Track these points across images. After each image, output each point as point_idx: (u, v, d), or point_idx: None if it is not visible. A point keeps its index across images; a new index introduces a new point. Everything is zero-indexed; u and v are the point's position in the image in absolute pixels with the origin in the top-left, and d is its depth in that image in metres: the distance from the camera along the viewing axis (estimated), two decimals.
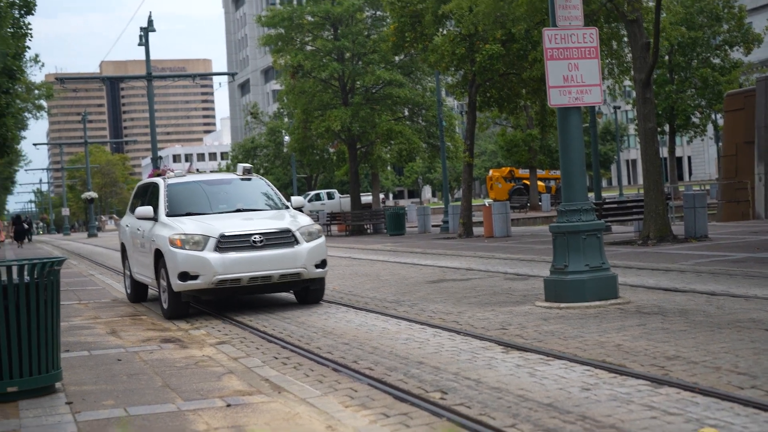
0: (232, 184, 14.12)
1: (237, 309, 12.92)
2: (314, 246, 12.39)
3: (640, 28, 19.92)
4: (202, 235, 11.96)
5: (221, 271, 11.78)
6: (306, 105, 42.17)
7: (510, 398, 6.41)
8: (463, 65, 28.15)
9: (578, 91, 11.38)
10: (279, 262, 12.02)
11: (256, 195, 13.86)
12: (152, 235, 12.76)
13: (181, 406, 6.73)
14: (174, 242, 11.98)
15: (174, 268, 11.88)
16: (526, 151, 58.11)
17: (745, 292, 11.06)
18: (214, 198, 13.55)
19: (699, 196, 21.39)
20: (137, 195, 15.23)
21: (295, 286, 12.61)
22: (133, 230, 14.25)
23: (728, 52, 50.48)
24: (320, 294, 12.97)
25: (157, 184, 13.92)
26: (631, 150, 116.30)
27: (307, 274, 12.26)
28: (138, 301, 14.64)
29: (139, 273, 14.01)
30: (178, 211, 13.06)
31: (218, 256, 11.82)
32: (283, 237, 12.20)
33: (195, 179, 14.08)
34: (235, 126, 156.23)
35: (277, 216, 12.95)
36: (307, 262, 12.22)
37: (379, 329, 10.14)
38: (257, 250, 11.96)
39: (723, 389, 6.25)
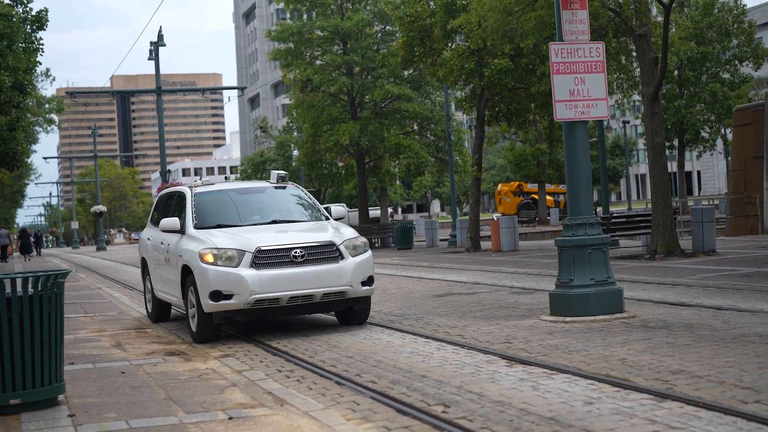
0: (265, 193, 12.86)
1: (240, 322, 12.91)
2: (361, 261, 11.18)
3: (649, 42, 19.93)
4: (236, 250, 10.74)
5: (258, 289, 10.56)
6: (315, 119, 42.29)
7: (512, 412, 6.39)
8: (472, 80, 28.20)
9: (584, 105, 11.38)
10: (322, 280, 10.82)
11: (292, 205, 12.67)
12: (179, 250, 11.57)
13: (183, 418, 6.73)
14: (204, 257, 10.75)
15: (205, 287, 10.65)
16: (535, 165, 58.06)
17: (752, 307, 11.01)
18: (246, 208, 12.34)
19: (707, 210, 21.33)
20: (159, 206, 14.17)
21: (338, 306, 11.32)
22: (155, 244, 13.15)
23: (738, 67, 50.40)
24: (365, 315, 11.75)
25: (183, 194, 12.70)
26: (641, 164, 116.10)
27: (352, 292, 11.04)
28: (160, 320, 13.64)
29: (163, 291, 12.85)
30: (208, 222, 11.84)
31: (255, 273, 10.60)
32: (327, 251, 11.00)
33: (225, 188, 12.95)
34: (244, 140, 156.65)
35: (318, 228, 11.75)
36: (353, 279, 11.02)
37: (383, 342, 10.12)
38: (298, 265, 10.76)
39: (726, 403, 6.22)
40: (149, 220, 14.44)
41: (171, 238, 12.15)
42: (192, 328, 11.20)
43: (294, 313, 11.25)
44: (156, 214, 13.97)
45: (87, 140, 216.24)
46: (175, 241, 11.90)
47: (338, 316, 12.00)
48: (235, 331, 11.90)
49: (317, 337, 10.90)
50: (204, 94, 46.80)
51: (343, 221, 12.93)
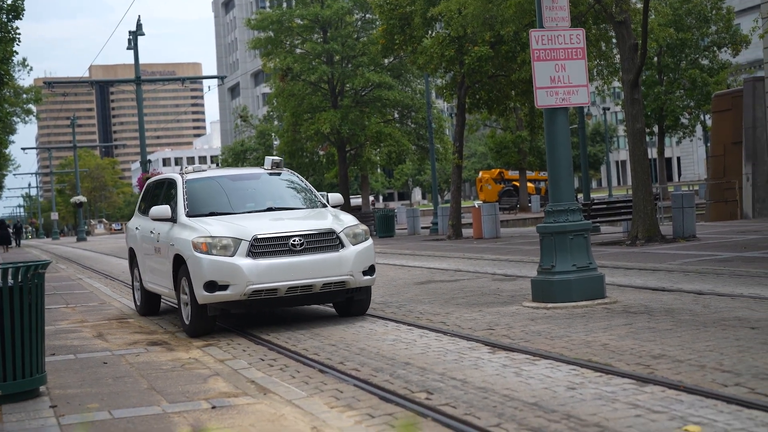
0: (260, 180, 12.36)
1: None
2: (362, 249, 10.72)
3: (628, 29, 19.97)
4: (231, 238, 10.25)
5: (255, 279, 10.09)
6: (295, 108, 42.19)
7: (495, 398, 6.41)
8: (452, 67, 28.19)
9: (565, 92, 11.40)
10: (322, 269, 10.36)
11: (288, 191, 12.27)
12: (170, 239, 11.08)
13: (166, 408, 6.72)
14: (198, 246, 10.26)
15: (199, 277, 10.15)
16: (516, 152, 58.23)
17: (732, 291, 11.09)
18: (240, 196, 11.88)
19: (687, 196, 21.45)
20: (148, 194, 13.60)
21: (338, 297, 10.88)
22: (144, 233, 12.64)
23: (716, 53, 50.66)
24: (366, 305, 11.30)
25: (174, 181, 12.21)
26: (621, 151, 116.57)
27: (353, 282, 10.59)
28: (149, 314, 13.04)
29: (153, 282, 12.35)
30: (200, 210, 11.36)
31: (251, 263, 10.12)
32: (326, 239, 10.55)
33: (217, 174, 12.49)
34: (224, 129, 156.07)
35: (317, 215, 11.29)
36: (354, 269, 10.57)
37: (366, 330, 10.13)
38: (296, 254, 10.31)
39: (707, 387, 6.26)
40: (137, 209, 13.94)
41: (161, 226, 11.66)
42: (185, 320, 10.71)
43: (292, 304, 10.80)
44: (144, 203, 13.52)
45: (66, 131, 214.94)
46: (166, 230, 11.41)
47: (337, 307, 11.53)
48: (218, 321, 11.85)
49: (300, 326, 10.89)
50: (184, 83, 46.60)
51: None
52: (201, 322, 10.43)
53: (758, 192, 26.67)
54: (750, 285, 11.62)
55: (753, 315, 9.19)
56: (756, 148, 26.66)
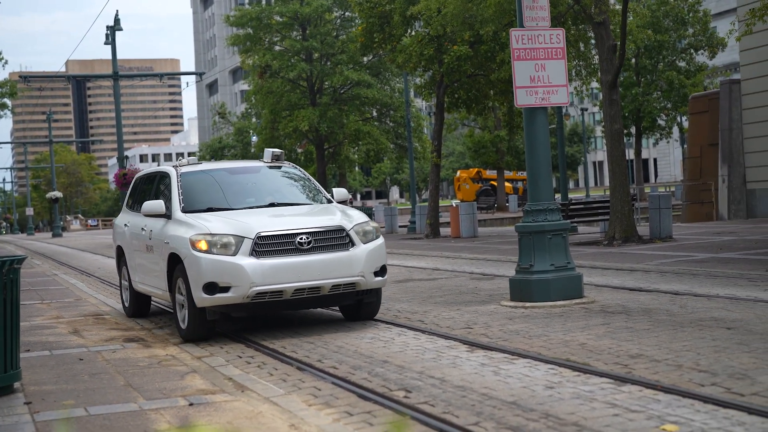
0: (260, 173, 11.62)
1: None
2: (373, 248, 9.96)
3: (607, 30, 20.06)
4: (233, 236, 9.48)
5: (260, 280, 9.33)
6: (274, 105, 42.10)
7: (474, 396, 6.41)
8: (431, 66, 28.21)
9: (545, 91, 11.42)
10: (331, 269, 9.60)
11: (290, 186, 11.52)
12: (165, 236, 10.29)
13: (143, 405, 6.67)
14: (197, 244, 9.49)
15: (198, 278, 9.39)
16: (494, 152, 58.39)
17: (708, 292, 11.16)
18: (239, 190, 11.13)
19: (664, 197, 21.58)
20: (137, 189, 12.80)
21: (347, 299, 10.09)
22: (134, 230, 11.83)
23: (693, 55, 51.04)
24: (375, 309, 10.54)
25: (167, 174, 11.40)
26: (598, 152, 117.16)
27: (364, 283, 9.81)
28: (138, 316, 12.31)
29: (144, 283, 11.53)
30: (197, 205, 10.58)
31: (255, 262, 9.36)
32: (336, 237, 9.78)
33: (214, 167, 11.72)
34: (202, 126, 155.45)
35: (323, 211, 10.49)
36: (366, 269, 9.80)
37: (344, 328, 10.11)
38: (304, 253, 9.53)
39: (684, 387, 6.29)
40: (124, 204, 13.22)
41: (154, 223, 10.84)
42: (180, 325, 9.91)
43: (298, 307, 10.07)
44: (133, 198, 12.76)
45: (42, 125, 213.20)
46: (160, 227, 10.60)
47: (344, 310, 10.80)
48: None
49: (277, 323, 10.85)
50: (162, 79, 46.31)
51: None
52: (199, 327, 9.66)
53: (734, 194, 26.88)
54: (726, 286, 11.70)
55: (729, 315, 9.25)
56: (732, 150, 26.87)
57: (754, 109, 26.02)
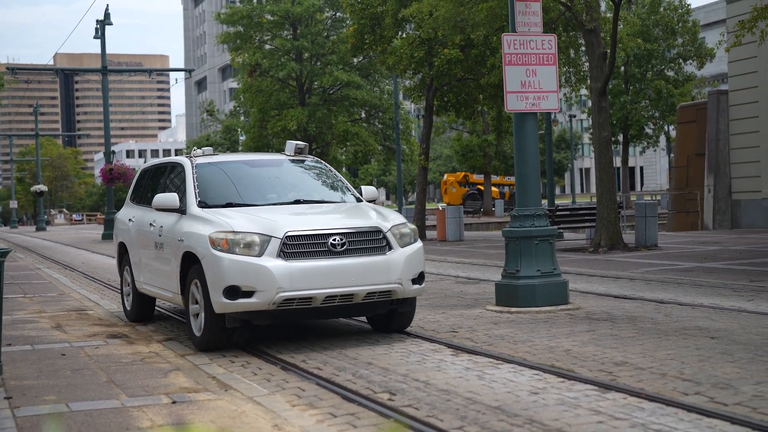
0: (282, 167, 10.66)
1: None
2: (412, 253, 9.06)
3: (598, 37, 20.11)
4: (258, 234, 8.55)
5: (287, 285, 8.39)
6: (263, 104, 42.04)
7: (458, 401, 6.40)
8: (421, 69, 28.23)
9: (535, 97, 11.44)
10: (366, 275, 8.68)
11: (316, 181, 10.58)
12: (179, 233, 9.35)
13: (125, 402, 6.62)
14: (218, 243, 8.56)
15: (218, 281, 8.46)
16: (482, 156, 58.46)
17: (692, 301, 11.19)
18: (260, 184, 10.24)
19: (650, 205, 21.65)
20: (143, 181, 11.87)
21: (381, 309, 9.13)
22: (141, 226, 10.87)
23: (682, 65, 51.23)
24: (409, 320, 9.55)
25: (180, 165, 10.43)
26: (585, 158, 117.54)
27: (401, 292, 8.89)
28: (141, 320, 11.27)
29: (150, 284, 10.52)
30: (215, 200, 9.68)
31: (283, 265, 8.44)
32: (372, 239, 8.87)
33: (232, 159, 10.80)
34: (190, 123, 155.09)
35: (355, 210, 9.59)
36: (403, 275, 8.87)
37: (329, 329, 10.08)
38: (337, 257, 8.61)
39: (668, 395, 6.30)
40: (128, 197, 12.19)
41: (165, 218, 9.92)
42: (194, 331, 9.00)
43: (326, 316, 9.16)
44: (139, 191, 11.80)
45: (28, 118, 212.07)
46: (172, 223, 9.69)
47: (373, 321, 9.82)
48: (175, 314, 11.74)
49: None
50: (151, 75, 46.16)
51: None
52: (216, 335, 8.75)
53: (719, 204, 27.00)
54: (710, 295, 11.74)
55: (713, 325, 9.28)
56: (718, 161, 26.98)
57: (741, 120, 26.15)
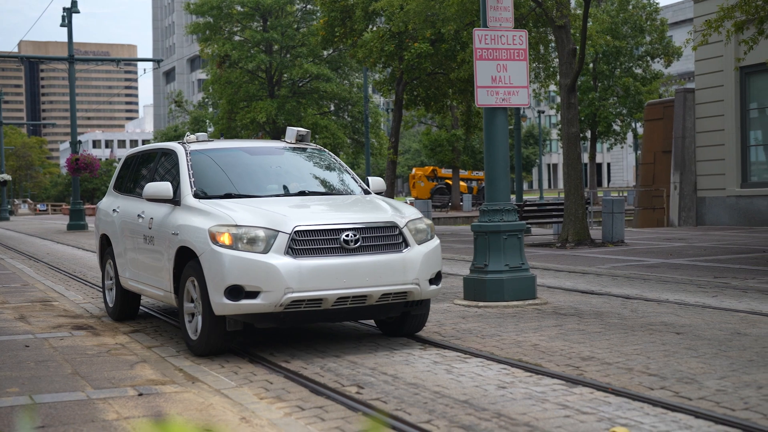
0: (283, 156, 9.86)
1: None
2: (430, 251, 8.33)
3: (568, 34, 20.20)
4: (264, 229, 7.78)
5: (296, 285, 7.64)
6: (232, 95, 41.85)
7: (426, 394, 6.41)
8: (392, 62, 28.23)
9: (506, 92, 11.46)
10: (382, 275, 7.94)
11: (321, 171, 9.82)
12: (172, 226, 8.56)
13: (90, 394, 6.56)
14: (219, 237, 7.78)
15: (218, 279, 7.69)
16: (450, 151, 58.61)
17: (658, 297, 11.30)
18: (261, 174, 9.48)
19: (617, 201, 21.81)
20: (129, 168, 10.99)
21: (393, 311, 8.33)
22: (128, 217, 10.03)
23: (650, 63, 51.69)
24: (423, 322, 8.81)
25: (172, 151, 9.59)
26: (553, 154, 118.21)
27: (418, 293, 8.15)
28: (125, 318, 10.53)
29: (137, 280, 9.74)
30: (212, 190, 8.89)
31: (292, 263, 7.67)
32: (387, 235, 8.14)
33: (230, 146, 9.99)
34: (158, 114, 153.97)
35: (367, 204, 8.84)
36: (421, 275, 8.15)
37: None
38: (349, 254, 7.89)
39: (634, 390, 6.35)
40: (111, 186, 11.28)
41: (156, 209, 9.14)
42: (189, 335, 8.23)
43: (335, 318, 8.39)
44: (123, 180, 10.97)
45: None
46: (164, 214, 8.89)
47: (382, 324, 9.03)
48: (160, 312, 11.64)
49: None
50: (119, 64, 45.71)
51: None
52: (216, 339, 7.97)
53: (684, 201, 27.27)
54: (675, 291, 11.86)
55: (678, 320, 9.37)
56: (684, 158, 27.24)
57: (707, 119, 26.42)
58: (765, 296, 11.16)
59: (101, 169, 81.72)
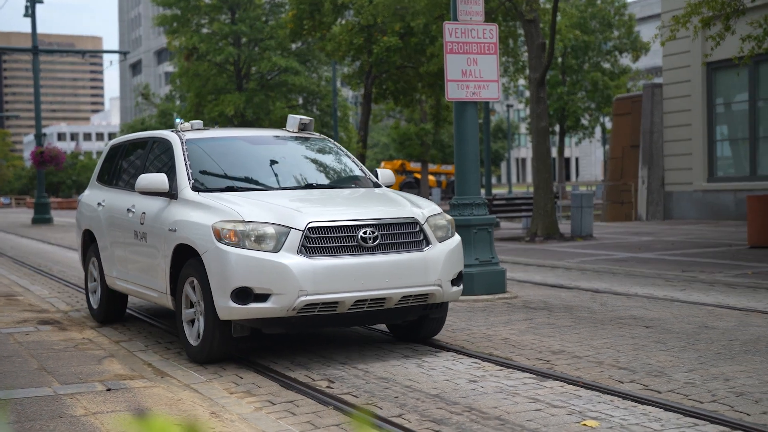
0: (287, 146, 9.09)
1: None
2: (452, 249, 7.70)
3: (537, 28, 20.26)
4: (275, 225, 7.09)
5: (311, 287, 6.96)
6: (199, 88, 41.58)
7: (397, 388, 6.39)
8: (360, 56, 28.19)
9: (476, 86, 11.47)
10: (403, 275, 7.29)
11: (327, 163, 9.15)
12: (168, 222, 7.85)
13: (57, 390, 6.47)
14: (225, 235, 7.08)
15: (224, 281, 6.99)
16: (419, 145, 58.64)
17: (627, 290, 11.37)
18: (264, 165, 8.72)
19: (586, 196, 21.90)
20: (117, 158, 10.16)
21: (411, 315, 7.69)
22: (115, 211, 9.26)
23: (618, 58, 52.04)
24: (440, 326, 8.20)
25: (165, 141, 8.83)
26: (521, 148, 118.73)
27: (440, 295, 7.52)
28: (110, 321, 9.79)
29: (125, 279, 8.98)
30: (212, 183, 8.15)
31: (306, 263, 6.99)
32: (408, 232, 7.49)
33: (228, 135, 9.20)
34: (124, 107, 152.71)
35: (382, 197, 8.17)
36: (443, 276, 7.51)
37: None
38: (368, 253, 7.22)
39: (604, 383, 6.38)
40: (95, 177, 10.53)
41: (150, 203, 8.40)
42: (189, 341, 7.52)
43: (350, 323, 7.74)
44: (109, 171, 10.20)
45: None
46: (159, 209, 8.16)
47: (395, 328, 8.41)
48: (145, 314, 11.50)
49: None
50: (84, 56, 45.27)
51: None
52: (219, 346, 7.27)
53: (652, 195, 27.49)
54: (644, 285, 11.94)
55: (647, 314, 9.43)
56: (652, 153, 27.45)
57: (675, 113, 26.64)
58: (732, 290, 11.27)
59: (67, 162, 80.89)
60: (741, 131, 24.81)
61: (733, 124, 25.35)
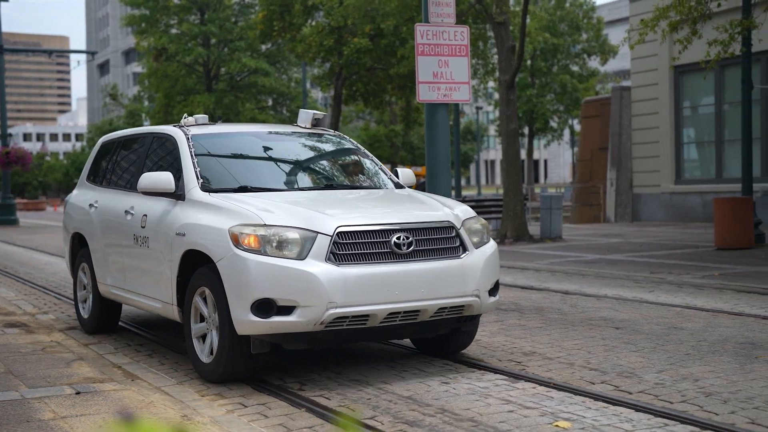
0: (301, 143, 8.35)
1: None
2: (489, 256, 7.04)
3: (507, 30, 20.34)
4: (300, 230, 6.39)
5: (341, 299, 6.27)
6: (168, 89, 41.35)
7: (370, 390, 6.38)
8: (331, 57, 28.15)
9: (447, 87, 11.49)
10: (438, 285, 6.61)
11: (345, 161, 8.53)
12: (176, 225, 7.09)
13: (25, 393, 6.39)
14: (244, 240, 6.36)
15: (244, 291, 6.28)
16: (389, 146, 58.70)
17: (597, 292, 11.44)
18: (279, 164, 8.05)
19: (555, 197, 22.02)
20: (110, 155, 9.38)
21: (443, 328, 6.98)
22: (110, 214, 8.53)
23: (586, 60, 52.42)
24: (470, 340, 7.54)
25: (169, 136, 8.03)
26: (490, 150, 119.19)
27: (478, 306, 6.86)
28: (102, 331, 9.06)
29: (123, 288, 8.25)
30: (224, 183, 7.40)
31: (335, 271, 6.30)
32: (444, 237, 6.82)
33: (236, 130, 8.40)
34: (92, 107, 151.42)
35: (413, 199, 7.52)
36: (482, 285, 6.86)
37: None
38: (402, 261, 6.54)
39: (576, 384, 6.41)
40: (84, 176, 9.78)
41: (152, 205, 7.66)
42: (201, 357, 6.83)
43: (380, 337, 7.06)
44: (102, 170, 9.43)
45: None
46: (165, 211, 7.41)
47: (422, 342, 7.71)
48: (135, 325, 11.39)
49: None
50: (51, 56, 44.82)
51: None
52: (235, 363, 6.58)
53: (621, 197, 27.70)
54: (613, 286, 12.02)
55: (617, 315, 9.49)
56: (620, 155, 27.66)
57: (643, 116, 26.86)
58: (699, 291, 11.38)
59: (33, 163, 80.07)
60: (707, 134, 25.08)
61: (699, 127, 25.62)
